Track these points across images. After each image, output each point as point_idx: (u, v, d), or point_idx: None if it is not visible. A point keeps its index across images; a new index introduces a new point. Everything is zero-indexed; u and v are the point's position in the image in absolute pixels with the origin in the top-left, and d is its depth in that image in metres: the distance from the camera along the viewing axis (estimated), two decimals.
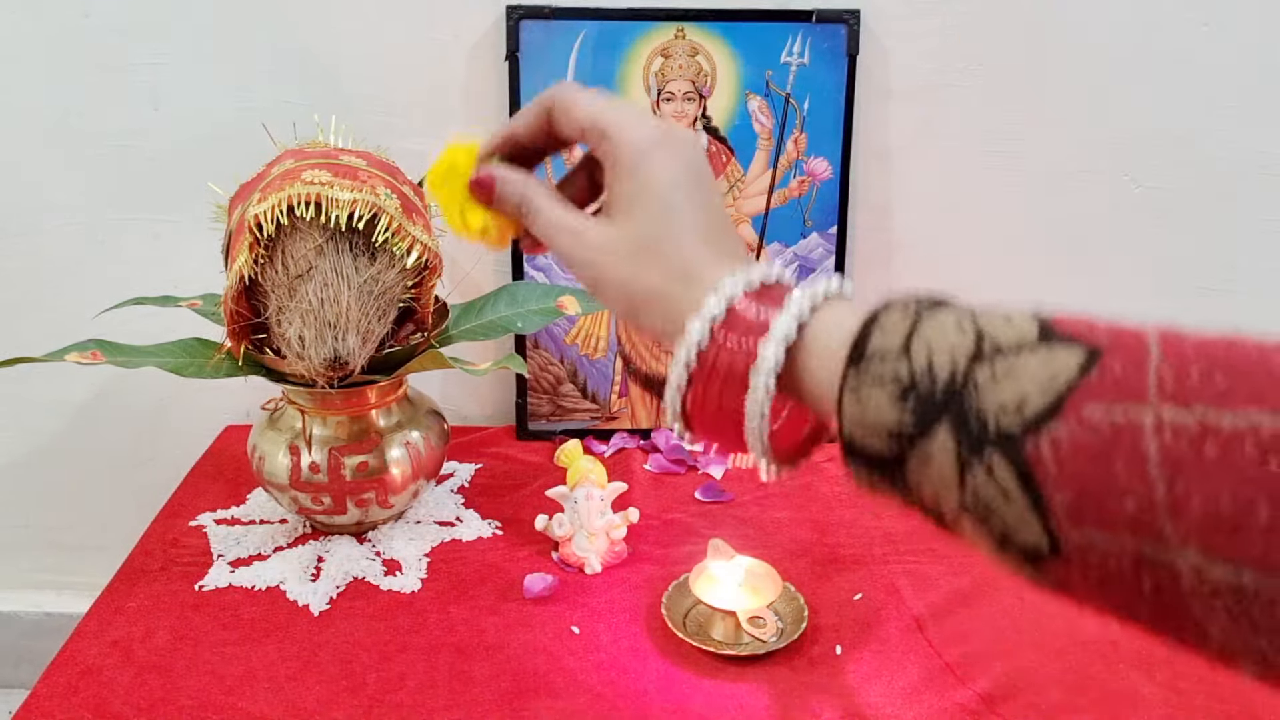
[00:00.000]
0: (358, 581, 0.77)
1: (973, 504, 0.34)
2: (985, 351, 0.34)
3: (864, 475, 0.37)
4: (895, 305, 0.37)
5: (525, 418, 1.00)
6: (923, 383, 0.34)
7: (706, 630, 0.71)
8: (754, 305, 0.40)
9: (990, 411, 0.33)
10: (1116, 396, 0.31)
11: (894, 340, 0.35)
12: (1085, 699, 0.66)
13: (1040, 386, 0.32)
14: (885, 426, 0.35)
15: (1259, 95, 0.92)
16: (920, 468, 0.35)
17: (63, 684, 0.66)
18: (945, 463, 0.34)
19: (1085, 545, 0.32)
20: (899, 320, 0.36)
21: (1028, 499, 0.32)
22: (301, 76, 0.93)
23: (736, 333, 0.40)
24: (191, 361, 0.75)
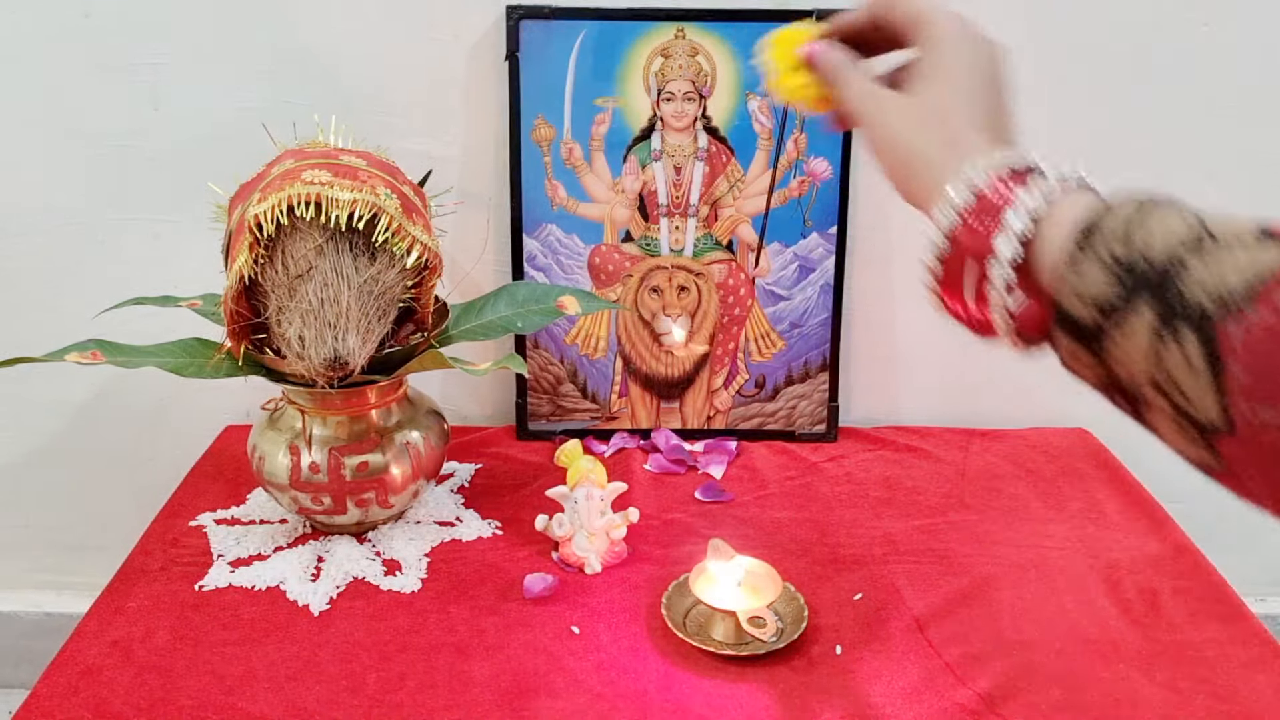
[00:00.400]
0: (358, 581, 0.77)
1: (1160, 375, 0.36)
2: (1201, 242, 0.37)
3: (1065, 344, 0.40)
4: (1129, 196, 0.40)
5: (525, 418, 1.00)
6: (1137, 262, 0.37)
7: (706, 630, 0.71)
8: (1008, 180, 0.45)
9: (1190, 290, 0.35)
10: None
11: (1119, 224, 0.39)
12: (1085, 699, 0.66)
13: (1241, 274, 0.34)
14: (1096, 297, 0.38)
15: (1259, 95, 0.92)
16: (1119, 338, 0.37)
17: (63, 684, 0.66)
18: (1141, 333, 0.36)
19: (1258, 424, 0.33)
20: (1129, 207, 0.39)
21: (1211, 374, 0.34)
22: (301, 76, 0.93)
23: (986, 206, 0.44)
24: (191, 361, 0.75)
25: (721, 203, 0.96)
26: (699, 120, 0.93)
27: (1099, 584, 0.78)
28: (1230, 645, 0.71)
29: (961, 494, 0.91)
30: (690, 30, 0.91)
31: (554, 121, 0.93)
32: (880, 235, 0.99)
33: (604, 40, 0.91)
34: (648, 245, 0.97)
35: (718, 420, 1.01)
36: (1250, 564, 1.07)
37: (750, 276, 0.98)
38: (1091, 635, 0.72)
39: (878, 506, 0.89)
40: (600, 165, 0.94)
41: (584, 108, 0.93)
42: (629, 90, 0.92)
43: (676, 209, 0.96)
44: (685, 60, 0.92)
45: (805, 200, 0.95)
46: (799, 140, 0.94)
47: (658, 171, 0.95)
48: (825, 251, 0.97)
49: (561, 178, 0.94)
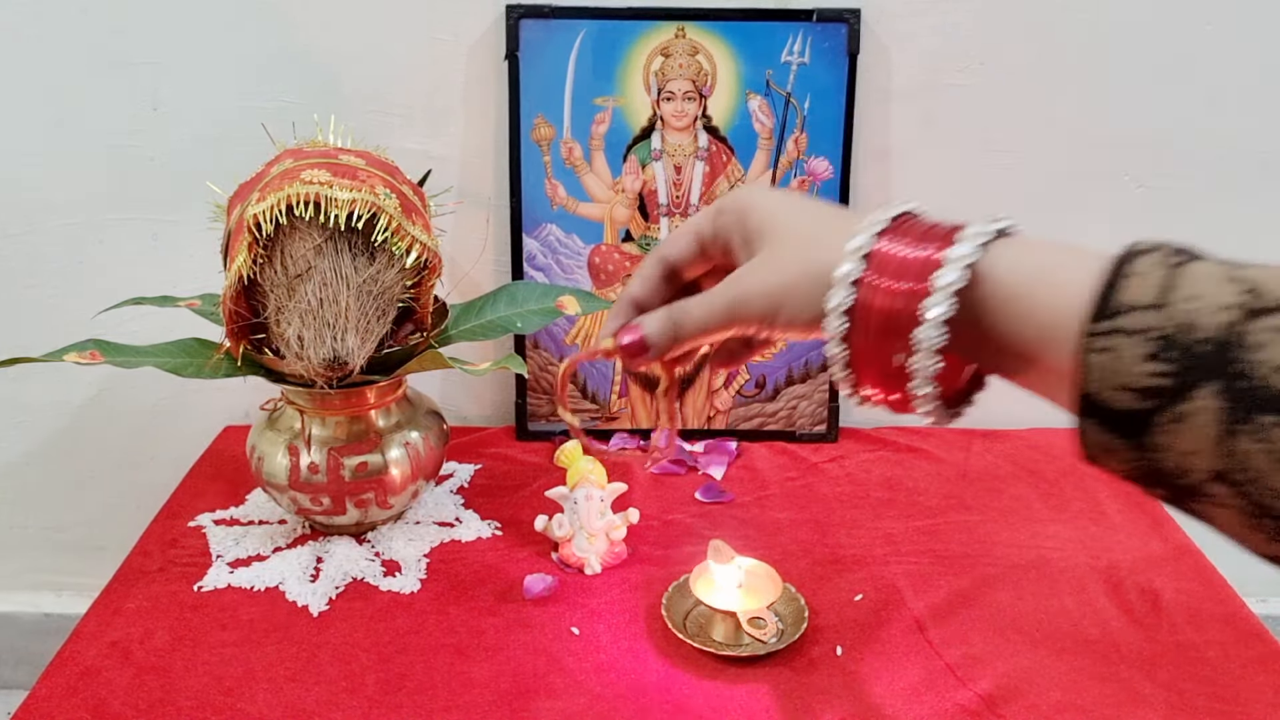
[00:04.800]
0: (357, 582, 0.77)
1: (1232, 469, 0.32)
2: (1258, 306, 0.32)
3: (1096, 434, 0.35)
4: (1144, 251, 0.35)
5: (525, 418, 1.00)
6: (1183, 337, 0.32)
7: (707, 631, 0.71)
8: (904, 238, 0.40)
9: (1267, 371, 0.31)
10: None
11: (1149, 290, 0.34)
12: (1085, 699, 0.66)
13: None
14: (1137, 383, 0.33)
15: (1259, 95, 0.92)
16: (1172, 428, 0.33)
17: (62, 685, 0.66)
18: (1206, 423, 0.32)
19: None
20: (1152, 268, 0.34)
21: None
22: (301, 76, 0.93)
23: (888, 270, 0.39)
24: (190, 362, 0.75)
25: None
26: (699, 120, 0.93)
27: (1100, 585, 0.77)
28: (1231, 646, 0.71)
29: (962, 495, 0.91)
30: (690, 29, 0.91)
31: (554, 121, 0.93)
32: None
33: (604, 40, 0.91)
34: (648, 245, 0.97)
35: (718, 420, 1.01)
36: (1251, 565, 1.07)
37: None
38: (1092, 636, 0.72)
39: (878, 507, 0.89)
40: (600, 165, 0.94)
41: (584, 107, 0.92)
42: (629, 90, 0.92)
43: (676, 208, 0.96)
44: (685, 59, 0.92)
45: None
46: (799, 140, 0.94)
47: (658, 171, 0.94)
48: None
49: (561, 177, 0.94)
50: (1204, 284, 0.33)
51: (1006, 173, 0.96)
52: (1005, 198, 0.97)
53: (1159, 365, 0.32)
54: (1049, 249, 0.38)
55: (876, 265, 0.40)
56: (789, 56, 0.91)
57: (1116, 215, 0.97)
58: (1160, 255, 0.34)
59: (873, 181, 0.97)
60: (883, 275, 0.39)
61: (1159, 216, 0.96)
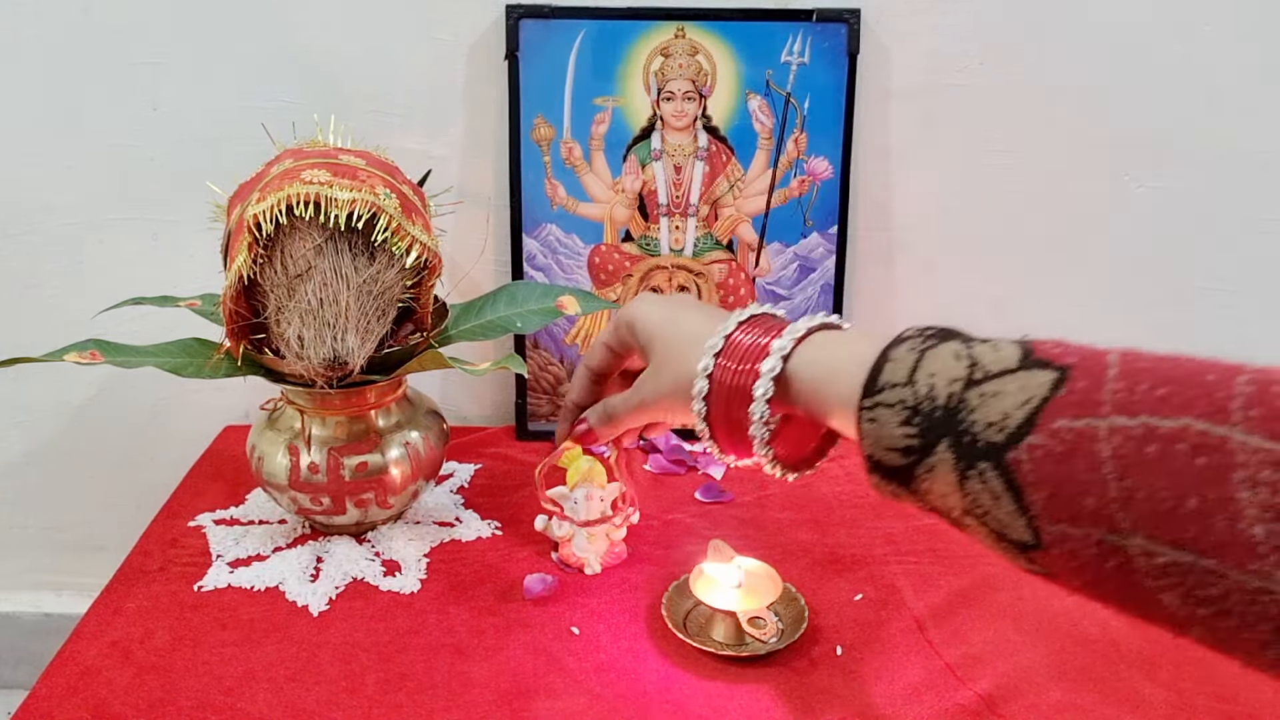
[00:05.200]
0: (357, 582, 0.77)
1: (972, 506, 0.40)
2: (976, 377, 0.40)
3: (884, 484, 0.44)
4: (905, 339, 0.44)
5: (525, 418, 1.00)
6: (925, 406, 0.41)
7: (707, 631, 0.71)
8: (750, 332, 0.51)
9: (979, 428, 0.39)
10: (1079, 410, 0.36)
11: (903, 371, 0.42)
12: (1086, 699, 0.66)
13: (1019, 404, 0.38)
14: (896, 444, 0.42)
15: (1259, 95, 0.92)
16: (928, 477, 0.41)
17: (62, 684, 0.66)
18: (947, 473, 0.40)
19: (1060, 537, 0.37)
20: (907, 353, 0.43)
21: (1013, 500, 0.38)
22: (301, 76, 0.93)
23: (735, 357, 0.50)
24: (190, 361, 0.75)
25: (721, 202, 0.96)
26: (699, 120, 0.93)
27: None
28: None
29: None
30: (690, 29, 0.91)
31: (554, 121, 0.93)
32: (880, 235, 0.99)
33: (604, 40, 0.91)
34: (647, 245, 0.97)
35: None
36: None
37: (750, 276, 0.98)
38: (1092, 635, 0.72)
39: (878, 506, 0.89)
40: (600, 165, 0.94)
41: (584, 107, 0.92)
42: (629, 90, 0.92)
43: (676, 208, 0.96)
44: (685, 59, 0.92)
45: (805, 200, 0.95)
46: (799, 140, 0.94)
47: (658, 171, 0.94)
48: (825, 251, 0.97)
49: (561, 177, 0.94)
50: (941, 362, 0.41)
51: (1006, 173, 0.96)
52: (1005, 198, 0.97)
53: (910, 429, 0.41)
54: (841, 342, 0.48)
55: (726, 356, 0.51)
56: (789, 56, 0.91)
57: (1116, 215, 0.97)
58: (915, 341, 0.43)
59: (873, 181, 0.97)
60: (730, 360, 0.51)
61: (1159, 216, 0.96)
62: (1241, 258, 0.98)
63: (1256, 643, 0.33)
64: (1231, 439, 0.33)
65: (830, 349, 0.48)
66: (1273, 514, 0.31)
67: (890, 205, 0.98)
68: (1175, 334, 1.01)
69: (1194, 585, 0.34)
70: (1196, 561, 0.33)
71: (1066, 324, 1.00)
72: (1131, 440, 0.35)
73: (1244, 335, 1.00)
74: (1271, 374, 0.34)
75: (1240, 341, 1.00)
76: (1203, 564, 0.33)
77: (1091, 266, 0.99)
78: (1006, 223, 0.98)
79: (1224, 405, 0.33)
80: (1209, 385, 0.34)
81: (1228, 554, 0.32)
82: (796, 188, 0.95)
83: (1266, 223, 0.96)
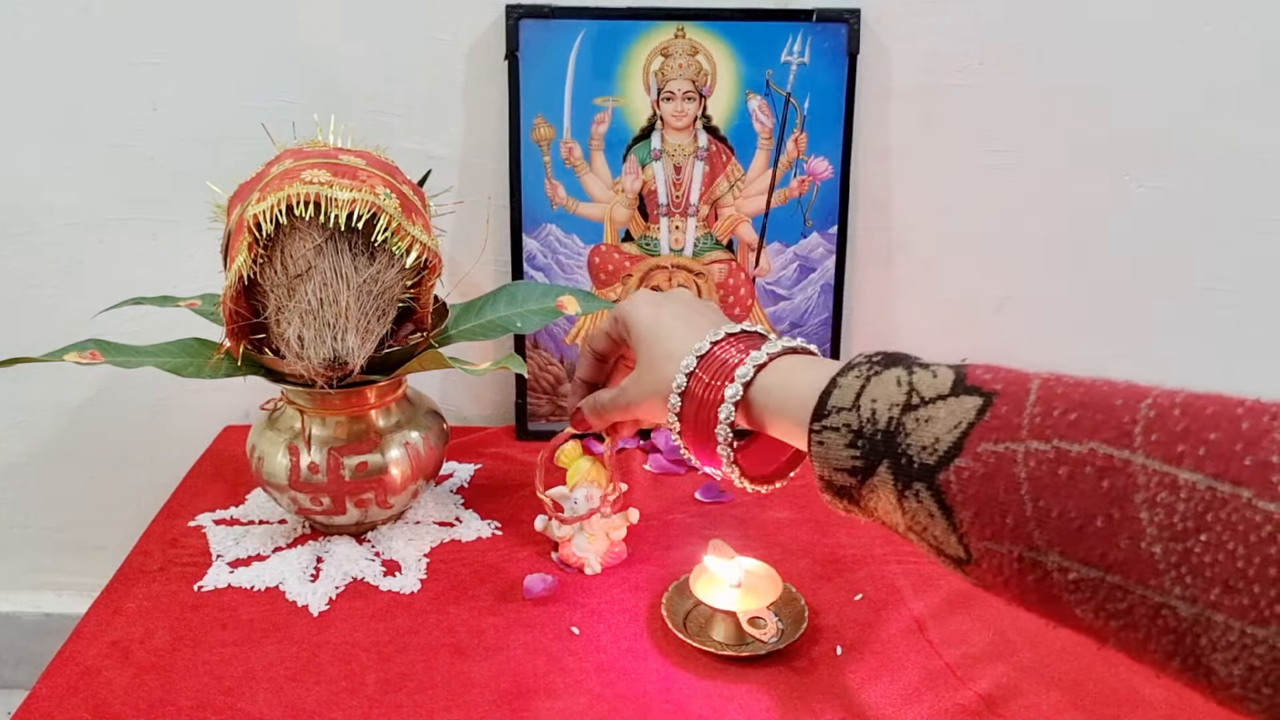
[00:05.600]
0: (357, 582, 0.77)
1: (912, 523, 0.42)
2: (913, 402, 0.42)
3: (835, 502, 0.47)
4: (854, 365, 0.46)
5: (525, 418, 1.00)
6: (868, 429, 0.43)
7: (707, 631, 0.71)
8: (727, 350, 0.54)
9: (914, 450, 0.41)
10: (999, 434, 0.39)
11: (848, 396, 0.45)
12: (1085, 699, 0.66)
13: (949, 429, 0.40)
14: (843, 465, 0.44)
15: (1259, 95, 0.92)
16: (872, 496, 0.44)
17: (62, 684, 0.66)
18: (888, 493, 0.43)
19: (986, 553, 0.39)
20: (854, 379, 0.45)
21: (945, 519, 0.40)
22: (301, 76, 0.93)
23: (709, 372, 0.53)
24: (190, 361, 0.75)
25: (721, 202, 0.96)
26: (699, 120, 0.93)
27: None
28: None
29: None
30: (690, 29, 0.91)
31: (554, 121, 0.93)
32: (880, 235, 0.99)
33: (604, 39, 0.91)
34: (647, 245, 0.97)
35: None
36: None
37: (750, 276, 0.98)
38: None
39: None
40: (600, 165, 0.94)
41: (584, 107, 0.92)
42: (629, 90, 0.92)
43: (676, 208, 0.96)
44: (685, 59, 0.92)
45: (805, 200, 0.95)
46: (799, 140, 0.94)
47: (657, 171, 0.94)
48: (825, 251, 0.97)
49: (561, 177, 0.94)
50: (883, 388, 0.44)
51: (1006, 173, 0.96)
52: (1005, 198, 0.97)
53: (855, 450, 0.44)
54: (800, 367, 0.51)
55: (702, 367, 0.54)
56: (789, 56, 0.91)
57: (1116, 215, 0.97)
58: (863, 368, 0.46)
59: (873, 181, 0.97)
60: (705, 374, 0.54)
61: (1159, 216, 0.97)
62: (1241, 258, 0.98)
63: (1161, 654, 0.36)
64: (1133, 462, 0.34)
65: (788, 374, 0.50)
66: (1169, 533, 0.33)
67: (890, 205, 0.98)
68: (1175, 334, 1.01)
69: (1104, 599, 0.36)
70: (1104, 577, 0.35)
71: (1066, 324, 1.00)
72: (1045, 463, 0.37)
73: (1244, 335, 1.00)
74: (1174, 397, 0.35)
75: (1240, 341, 1.00)
76: (1110, 580, 0.35)
77: (1091, 266, 0.99)
78: (1006, 223, 0.98)
79: (1128, 429, 0.35)
80: (1116, 410, 0.36)
81: (1130, 571, 0.34)
82: (796, 188, 0.95)
83: (1266, 223, 0.96)
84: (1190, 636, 0.34)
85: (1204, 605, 0.33)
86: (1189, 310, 1.00)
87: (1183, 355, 1.01)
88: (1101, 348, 1.01)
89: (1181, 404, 0.35)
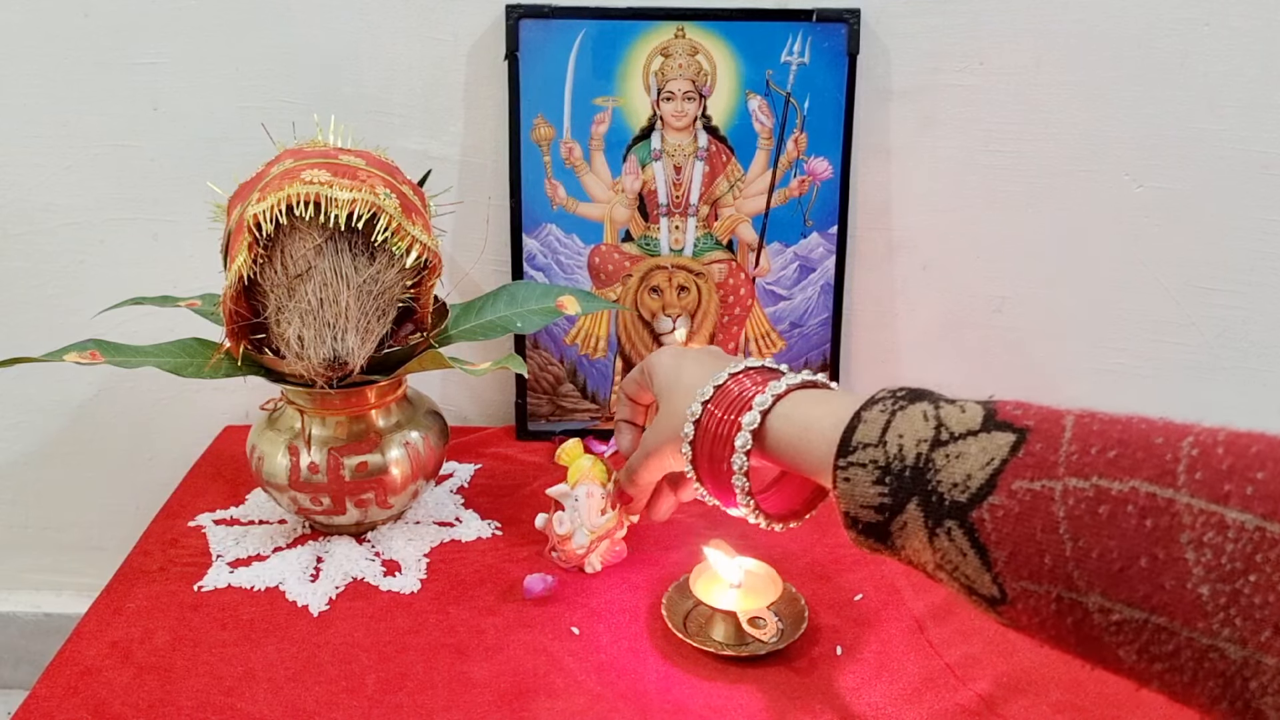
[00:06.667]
0: (357, 582, 0.77)
1: (942, 562, 0.41)
2: (942, 438, 0.41)
3: (861, 540, 0.45)
4: (878, 400, 0.46)
5: (525, 418, 1.00)
6: (895, 466, 0.42)
7: (707, 631, 0.71)
8: (742, 383, 0.53)
9: (945, 488, 0.40)
10: (1035, 472, 0.38)
11: (874, 431, 0.44)
12: (1086, 699, 0.66)
13: (981, 465, 0.39)
14: (870, 502, 0.43)
15: (1259, 95, 0.92)
16: (900, 533, 0.43)
17: (62, 684, 0.66)
18: (917, 530, 0.42)
19: (1023, 593, 0.39)
20: (878, 414, 0.45)
21: (978, 557, 0.39)
22: (301, 76, 0.93)
23: (722, 406, 0.53)
24: (190, 361, 0.75)
25: (721, 202, 0.96)
26: (699, 120, 0.93)
27: None
28: None
29: None
30: (690, 29, 0.91)
31: (553, 121, 0.93)
32: (880, 235, 0.99)
33: (603, 39, 0.91)
34: (647, 245, 0.97)
35: None
36: None
37: (750, 276, 0.98)
38: None
39: None
40: (600, 165, 0.94)
41: (583, 107, 0.92)
42: (629, 90, 0.92)
43: (676, 208, 0.96)
44: (685, 59, 0.92)
45: (805, 200, 0.95)
46: (799, 140, 0.94)
47: (657, 171, 0.94)
48: (825, 251, 0.97)
49: (561, 177, 0.94)
50: (909, 423, 0.43)
51: (1006, 173, 0.96)
52: (1005, 198, 0.97)
53: (882, 488, 0.43)
54: (819, 401, 0.50)
55: (715, 403, 0.54)
56: (789, 56, 0.91)
57: (1117, 215, 0.97)
58: (887, 402, 0.45)
59: (873, 181, 0.97)
60: (718, 408, 0.53)
61: (1159, 216, 0.97)
62: (1241, 258, 0.98)
63: (1208, 697, 0.34)
64: (1177, 501, 0.34)
65: (807, 407, 0.50)
66: (1217, 574, 0.32)
67: (890, 205, 0.98)
68: (1175, 334, 1.01)
69: (1148, 642, 0.35)
70: (1149, 619, 0.34)
71: (1066, 324, 1.00)
72: (1084, 501, 0.36)
73: (1244, 335, 1.00)
74: (1216, 435, 0.35)
75: (1240, 341, 1.00)
76: (1155, 621, 0.34)
77: (1091, 266, 0.99)
78: (1006, 223, 0.98)
79: (1171, 468, 0.34)
80: (1157, 448, 0.35)
81: (1176, 612, 0.33)
82: (796, 188, 0.95)
83: (1266, 223, 0.96)
84: (1240, 680, 0.32)
85: (1254, 648, 0.32)
86: (1189, 310, 1.00)
87: (1183, 355, 1.01)
88: (1101, 348, 1.01)
89: (1224, 442, 0.34)
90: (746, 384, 0.53)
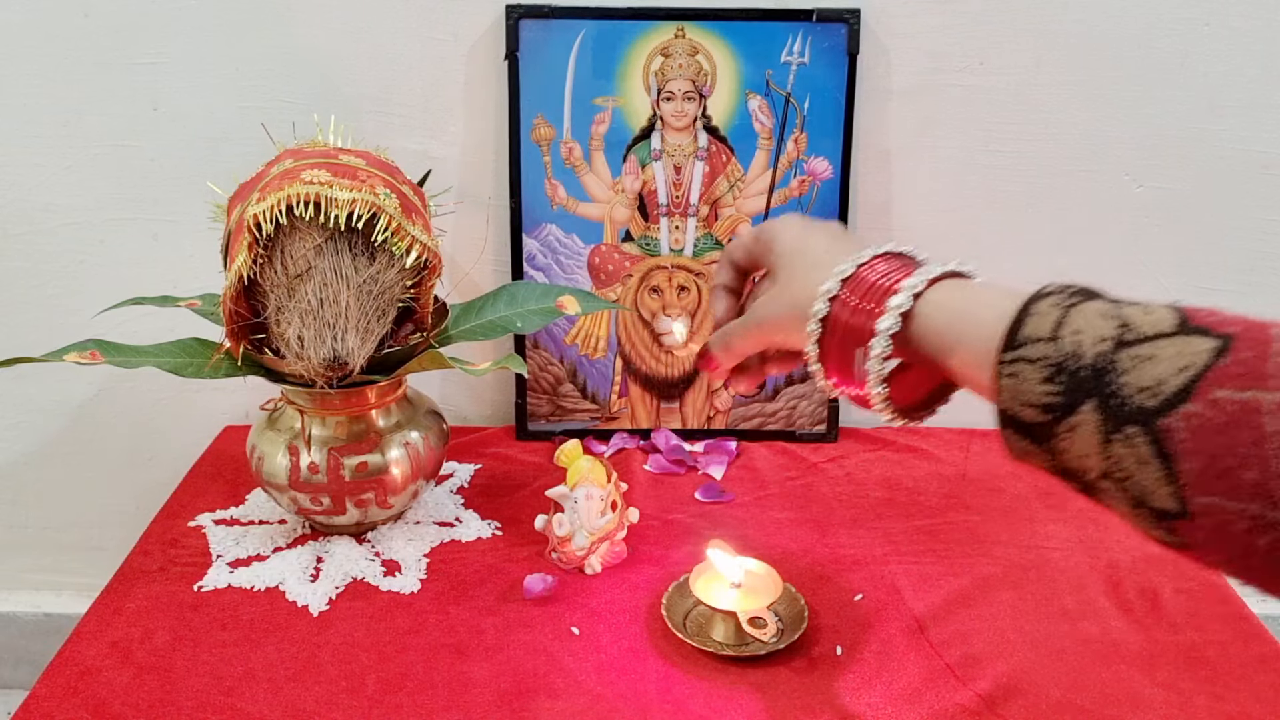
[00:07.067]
0: (357, 582, 0.77)
1: (1113, 470, 0.38)
2: (1128, 338, 0.38)
3: (1015, 441, 0.42)
4: (1048, 294, 0.42)
5: (525, 418, 1.00)
6: (1070, 364, 0.39)
7: (707, 631, 0.71)
8: (881, 266, 0.48)
9: (1131, 391, 0.37)
10: (1242, 382, 0.35)
11: (1046, 326, 0.41)
12: (1085, 699, 0.66)
13: (1175, 370, 0.36)
14: (1037, 401, 0.40)
15: (1259, 95, 0.92)
16: (1067, 437, 0.40)
17: (62, 684, 0.66)
18: (1089, 434, 0.39)
19: (1210, 508, 0.35)
20: (1050, 308, 0.41)
21: (1162, 467, 0.36)
22: (301, 76, 0.93)
23: (860, 289, 0.48)
24: (190, 361, 0.75)
25: (721, 202, 0.96)
26: (699, 120, 0.93)
27: (1099, 584, 0.78)
28: (1231, 645, 0.71)
29: (962, 494, 0.91)
30: (690, 29, 0.91)
31: (554, 121, 0.93)
32: (880, 235, 0.99)
33: (603, 40, 0.91)
34: (647, 245, 0.97)
35: (718, 420, 1.01)
36: None
37: None
38: (1092, 635, 0.72)
39: (878, 507, 0.89)
40: (600, 165, 0.94)
41: (583, 107, 0.92)
42: (629, 90, 0.92)
43: (676, 209, 0.96)
44: (685, 59, 0.92)
45: (805, 200, 0.95)
46: (799, 140, 0.94)
47: (657, 171, 0.94)
48: None
49: (561, 177, 0.94)
50: (1088, 320, 0.40)
51: (1006, 173, 0.96)
52: (1005, 198, 0.97)
53: (1052, 386, 0.40)
54: (976, 290, 0.47)
55: (850, 287, 0.48)
56: (789, 56, 0.91)
57: (1117, 215, 0.97)
58: (1059, 296, 0.42)
59: (873, 181, 0.97)
60: (853, 295, 0.48)
61: (1159, 216, 0.97)
62: (1241, 258, 0.98)
63: None
64: None
65: (965, 295, 0.46)
66: None
67: (890, 205, 0.98)
68: None
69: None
70: None
71: None
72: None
73: None
74: None
75: None
76: None
77: (1092, 266, 0.99)
78: (1006, 223, 0.98)
79: None
80: None
81: None
82: (796, 188, 0.95)
83: (1266, 223, 0.96)
84: None
85: None
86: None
87: None
88: None
89: None
90: (890, 267, 0.48)
